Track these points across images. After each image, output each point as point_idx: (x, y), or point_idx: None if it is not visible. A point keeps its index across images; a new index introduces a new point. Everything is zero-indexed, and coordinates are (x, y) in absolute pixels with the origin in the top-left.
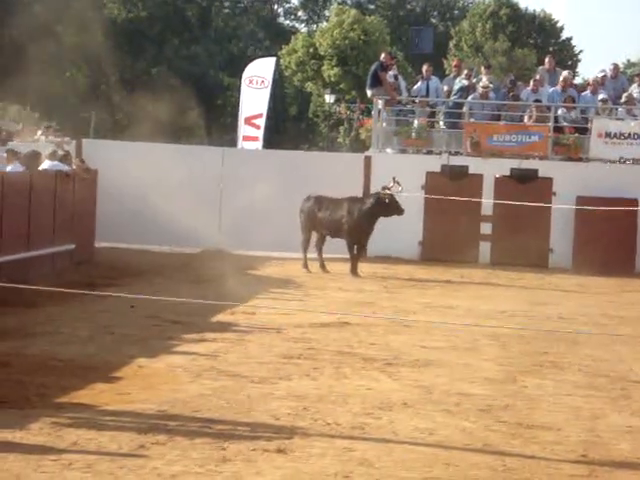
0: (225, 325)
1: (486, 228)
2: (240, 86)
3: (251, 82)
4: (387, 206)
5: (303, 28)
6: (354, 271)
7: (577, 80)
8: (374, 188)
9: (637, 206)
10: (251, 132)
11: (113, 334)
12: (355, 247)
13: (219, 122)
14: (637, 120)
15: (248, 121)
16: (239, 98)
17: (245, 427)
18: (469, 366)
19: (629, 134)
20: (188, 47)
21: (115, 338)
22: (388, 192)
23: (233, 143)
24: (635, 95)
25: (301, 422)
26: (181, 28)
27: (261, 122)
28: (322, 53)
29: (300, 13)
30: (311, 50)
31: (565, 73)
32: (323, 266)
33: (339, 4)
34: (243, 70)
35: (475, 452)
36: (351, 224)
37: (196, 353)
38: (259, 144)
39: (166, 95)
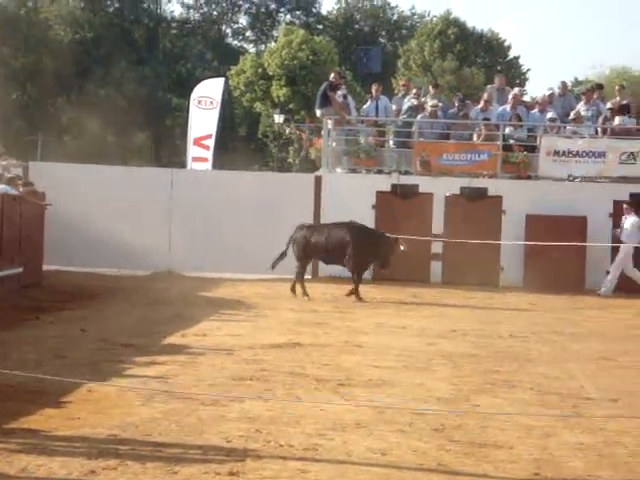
0: (176, 347)
1: (437, 247)
2: (189, 107)
3: (200, 103)
4: (388, 250)
5: (251, 48)
6: (357, 295)
7: (525, 98)
8: (325, 208)
9: (586, 224)
10: (200, 153)
11: (63, 358)
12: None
13: (168, 143)
14: (585, 138)
15: (197, 142)
16: (188, 119)
17: (197, 450)
18: (422, 386)
19: (577, 152)
20: (136, 68)
21: (65, 362)
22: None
23: (182, 164)
24: (583, 113)
25: (253, 444)
26: (128, 49)
27: (210, 143)
28: (271, 73)
29: (248, 33)
30: (260, 70)
31: (516, 90)
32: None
33: (287, 24)
34: (192, 91)
35: (428, 472)
36: (355, 250)
37: (147, 376)
38: (209, 165)
39: (114, 117)
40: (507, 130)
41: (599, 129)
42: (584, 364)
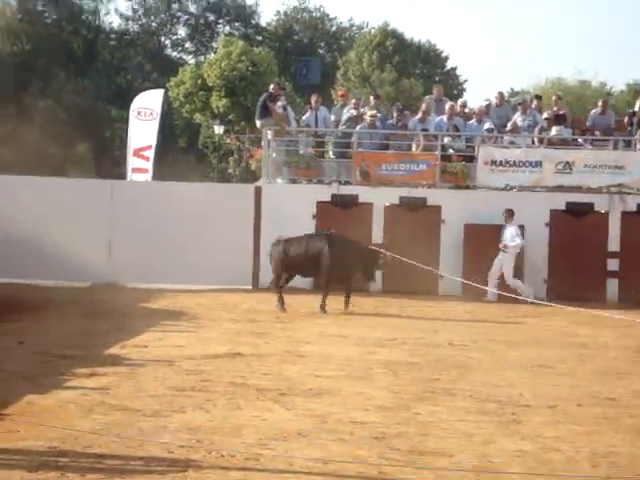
0: (116, 359)
1: None
2: (128, 118)
3: (139, 114)
4: (370, 261)
5: (191, 60)
6: (323, 306)
7: (464, 109)
8: (265, 218)
9: (524, 232)
10: (140, 164)
11: (1, 371)
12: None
13: (108, 155)
14: (522, 148)
15: (137, 153)
16: (127, 130)
17: (138, 461)
18: (362, 394)
19: (514, 162)
20: (75, 80)
21: (3, 375)
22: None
23: (122, 175)
24: (519, 123)
25: (195, 455)
26: (67, 61)
27: (150, 154)
28: (210, 84)
29: (187, 45)
30: (199, 81)
31: (459, 102)
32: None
33: (226, 36)
34: (131, 102)
35: None
36: (331, 261)
37: (87, 388)
38: (149, 176)
39: (53, 128)
40: (445, 140)
41: (536, 139)
42: (522, 372)
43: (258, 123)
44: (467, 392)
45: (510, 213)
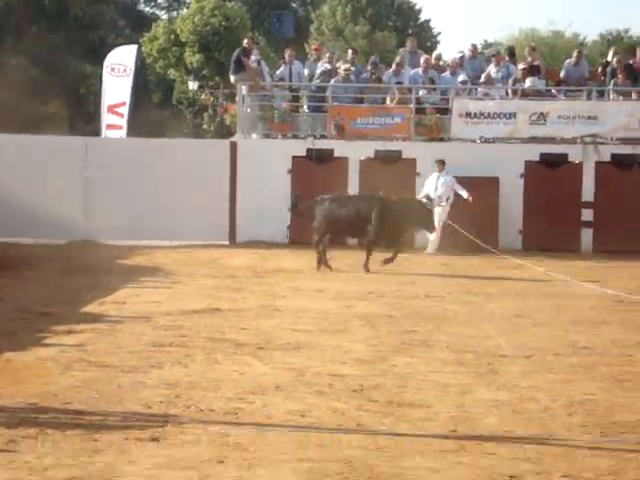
0: (94, 316)
1: None
2: (102, 75)
3: (113, 70)
4: (424, 216)
5: (164, 15)
6: (366, 266)
7: (438, 62)
8: (240, 174)
9: (498, 184)
10: (115, 120)
11: None
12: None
13: (82, 111)
14: (496, 100)
15: (111, 109)
16: (101, 87)
17: (117, 417)
18: (340, 347)
19: (488, 113)
20: (47, 36)
21: None
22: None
23: (97, 132)
24: (493, 75)
25: (173, 409)
26: (39, 17)
27: (124, 110)
28: (184, 40)
29: (160, 0)
30: (172, 37)
31: (434, 54)
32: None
33: None
34: (104, 58)
35: (348, 432)
36: (382, 225)
37: (65, 345)
38: (123, 132)
39: (26, 86)
40: (420, 93)
41: (510, 91)
42: (499, 323)
43: (232, 78)
44: (444, 344)
45: (442, 163)
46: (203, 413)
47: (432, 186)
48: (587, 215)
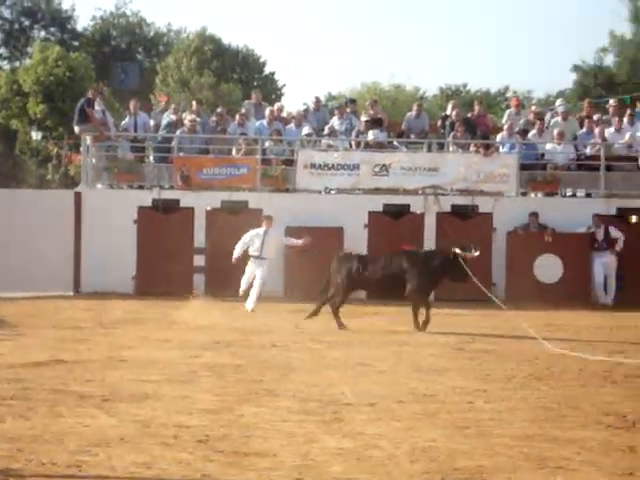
0: None
1: (199, 260)
2: None
3: None
4: (457, 268)
5: (6, 65)
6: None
7: (282, 113)
8: (85, 224)
9: (343, 234)
10: None
11: None
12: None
13: None
14: (340, 151)
15: None
16: None
17: None
18: (186, 398)
19: (333, 165)
20: None
21: None
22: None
23: None
24: (337, 127)
25: (15, 464)
26: None
27: None
28: (27, 90)
29: (2, 50)
30: (15, 87)
31: (276, 106)
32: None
33: (42, 41)
34: None
35: None
36: (418, 280)
37: None
38: None
39: None
40: (266, 144)
41: (353, 143)
42: (343, 371)
43: (77, 129)
44: (290, 392)
45: (270, 218)
46: (45, 467)
47: (259, 241)
48: None
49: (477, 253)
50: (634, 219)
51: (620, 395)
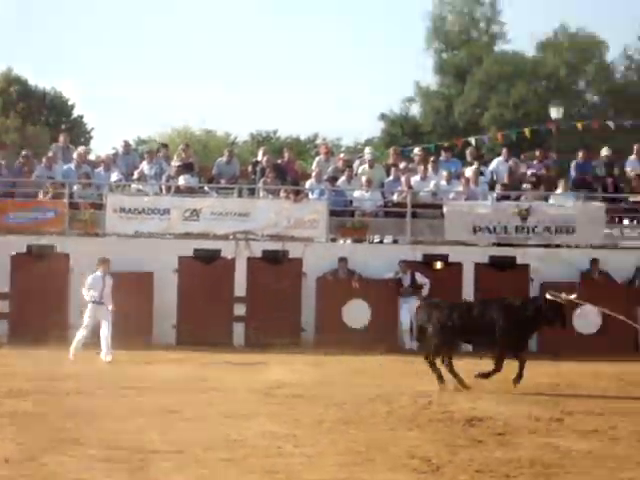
0: None
1: (4, 307)
2: None
3: None
4: (554, 315)
5: None
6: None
7: (91, 157)
8: None
9: (152, 279)
10: None
11: None
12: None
13: None
14: (150, 196)
15: None
16: None
17: None
18: None
19: (143, 209)
20: None
21: None
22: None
23: None
24: (146, 172)
25: None
26: None
27: None
28: None
29: None
30: None
31: (81, 149)
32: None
33: None
34: None
35: None
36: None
37: None
38: None
39: None
40: (74, 188)
41: (164, 187)
42: (151, 417)
43: None
44: (95, 440)
45: (108, 262)
46: None
47: (99, 286)
48: (239, 309)
49: (573, 296)
50: (439, 265)
51: (425, 439)
